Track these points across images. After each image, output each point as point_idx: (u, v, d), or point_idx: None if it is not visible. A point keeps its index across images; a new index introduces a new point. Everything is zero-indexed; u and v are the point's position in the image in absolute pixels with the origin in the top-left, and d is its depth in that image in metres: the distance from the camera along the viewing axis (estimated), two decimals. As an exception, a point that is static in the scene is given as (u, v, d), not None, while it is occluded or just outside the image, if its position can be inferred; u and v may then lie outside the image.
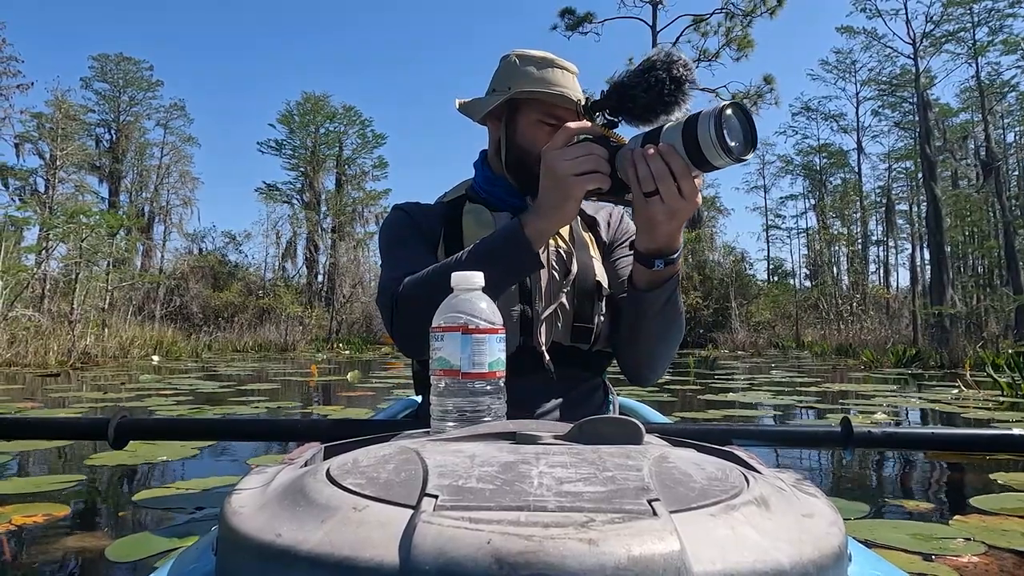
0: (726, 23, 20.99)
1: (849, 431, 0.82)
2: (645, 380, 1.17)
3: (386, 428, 0.82)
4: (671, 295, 1.00)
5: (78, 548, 1.83)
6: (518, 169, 1.16)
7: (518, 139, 1.16)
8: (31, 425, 1.03)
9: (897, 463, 3.04)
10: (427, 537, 0.33)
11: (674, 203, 0.82)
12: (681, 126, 0.79)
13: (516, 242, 0.93)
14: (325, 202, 34.12)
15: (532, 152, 1.13)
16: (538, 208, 0.92)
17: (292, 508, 0.40)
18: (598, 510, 0.36)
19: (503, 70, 1.20)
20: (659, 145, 0.80)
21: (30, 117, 25.35)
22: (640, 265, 0.96)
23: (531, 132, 1.14)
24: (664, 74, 0.83)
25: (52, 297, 16.34)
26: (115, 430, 0.87)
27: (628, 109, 0.87)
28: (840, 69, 30.57)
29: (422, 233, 1.16)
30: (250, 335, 22.55)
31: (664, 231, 0.89)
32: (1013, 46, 21.07)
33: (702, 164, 0.78)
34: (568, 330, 1.11)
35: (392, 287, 1.01)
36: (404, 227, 1.18)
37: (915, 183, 30.15)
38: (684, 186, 0.81)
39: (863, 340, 16.66)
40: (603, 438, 0.53)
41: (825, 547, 0.38)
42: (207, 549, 0.49)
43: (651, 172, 0.81)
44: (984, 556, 1.74)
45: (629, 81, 0.86)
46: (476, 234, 1.13)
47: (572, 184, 0.87)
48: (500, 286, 0.99)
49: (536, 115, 1.14)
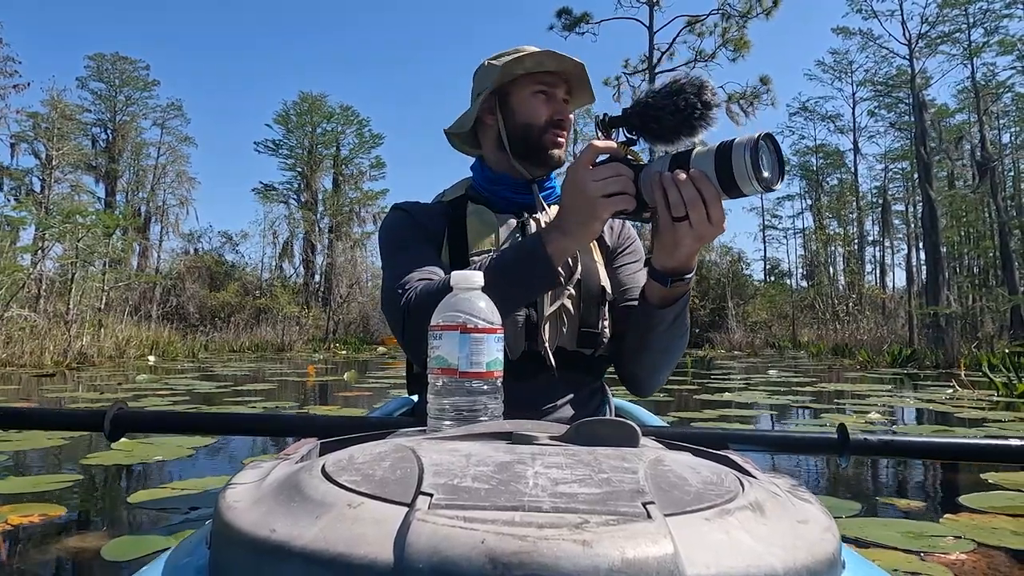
0: (722, 24, 21.03)
1: (845, 438, 0.81)
2: (646, 390, 1.18)
3: (382, 426, 0.82)
4: (681, 311, 1.01)
5: (74, 548, 1.83)
6: (526, 147, 1.17)
7: (518, 118, 1.17)
8: (28, 416, 1.03)
9: (888, 461, 3.05)
10: (421, 535, 0.33)
11: (702, 229, 0.83)
12: (713, 153, 0.79)
13: (537, 259, 0.93)
14: (322, 202, 34.07)
15: (535, 124, 1.16)
16: (561, 225, 0.91)
17: (287, 504, 0.40)
18: (593, 512, 0.36)
19: (480, 75, 1.23)
20: (691, 171, 0.81)
21: (26, 117, 25.31)
22: (655, 282, 0.96)
23: (528, 105, 1.16)
24: (695, 98, 0.84)
25: (48, 297, 16.30)
26: (111, 422, 0.87)
27: (652, 129, 0.87)
28: (836, 70, 30.65)
29: (426, 233, 1.16)
30: (247, 335, 22.50)
31: (685, 253, 0.90)
32: (1008, 47, 21.13)
33: (732, 191, 0.79)
34: (574, 335, 1.11)
35: (401, 295, 1.01)
36: (406, 228, 1.17)
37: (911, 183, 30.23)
38: (713, 213, 0.82)
39: (859, 340, 16.69)
40: (599, 440, 0.53)
41: (819, 553, 0.38)
42: (201, 543, 0.49)
43: (682, 198, 0.81)
44: (974, 554, 1.75)
45: (656, 102, 0.86)
46: (481, 235, 1.14)
47: (600, 205, 0.86)
48: (517, 302, 1.00)
49: (529, 89, 1.16)
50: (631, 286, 1.22)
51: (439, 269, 1.08)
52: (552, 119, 1.16)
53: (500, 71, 1.15)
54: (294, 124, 34.16)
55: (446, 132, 1.28)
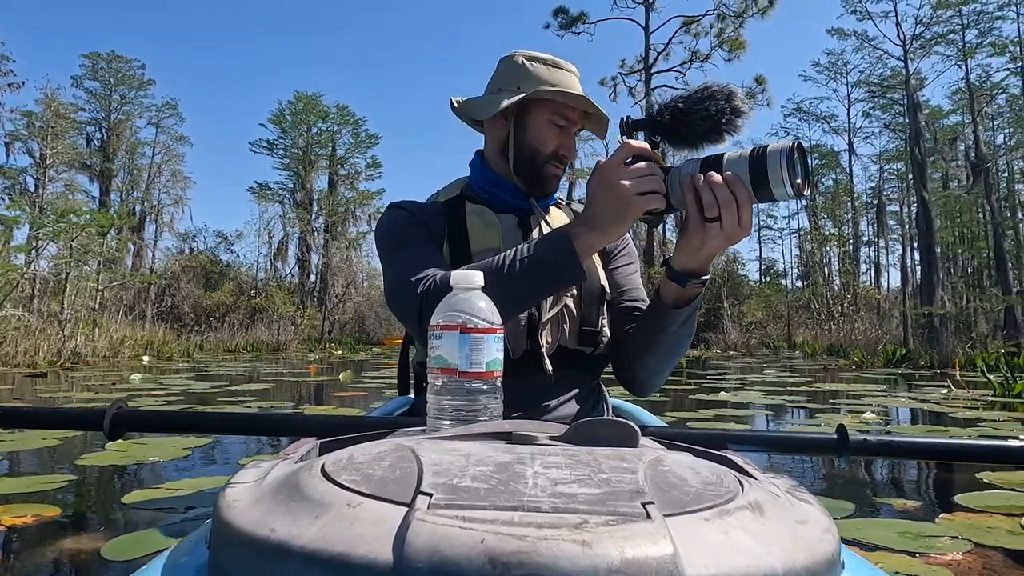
0: (718, 24, 21.07)
1: (844, 439, 0.81)
2: (646, 390, 1.19)
3: (382, 425, 0.82)
4: (692, 313, 1.03)
5: (68, 549, 1.82)
6: (525, 168, 1.18)
7: (528, 139, 1.17)
8: (27, 414, 1.02)
9: (883, 461, 3.06)
10: (421, 535, 0.33)
11: (732, 231, 0.85)
12: (747, 158, 0.82)
13: (566, 253, 0.94)
14: (317, 202, 33.99)
15: (542, 152, 1.16)
16: (592, 221, 0.92)
17: (286, 503, 0.40)
18: (592, 512, 0.36)
19: (510, 70, 1.19)
20: (725, 174, 0.83)
21: (20, 116, 25.19)
22: (672, 283, 0.98)
23: (542, 132, 1.16)
24: (726, 104, 0.86)
25: (42, 297, 16.21)
26: (111, 421, 0.87)
27: (681, 133, 0.89)
28: (831, 71, 30.72)
29: (427, 231, 1.15)
30: (242, 335, 22.44)
31: (707, 254, 0.92)
32: (1000, 48, 21.22)
33: (764, 195, 0.82)
34: (575, 334, 1.13)
35: (416, 285, 1.00)
36: (408, 225, 1.17)
37: (906, 184, 30.33)
38: (744, 215, 0.85)
39: (854, 340, 16.75)
40: (599, 440, 0.54)
41: (818, 554, 0.38)
42: (200, 542, 0.49)
43: (716, 200, 0.83)
44: (970, 554, 1.76)
45: (687, 107, 0.88)
46: (483, 233, 1.14)
47: (634, 203, 0.87)
48: (540, 295, 1.01)
49: (547, 115, 1.16)
50: (627, 287, 1.23)
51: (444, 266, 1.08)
52: (557, 152, 1.18)
53: (532, 84, 1.14)
54: (289, 123, 34.06)
55: (454, 103, 1.25)
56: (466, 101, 1.24)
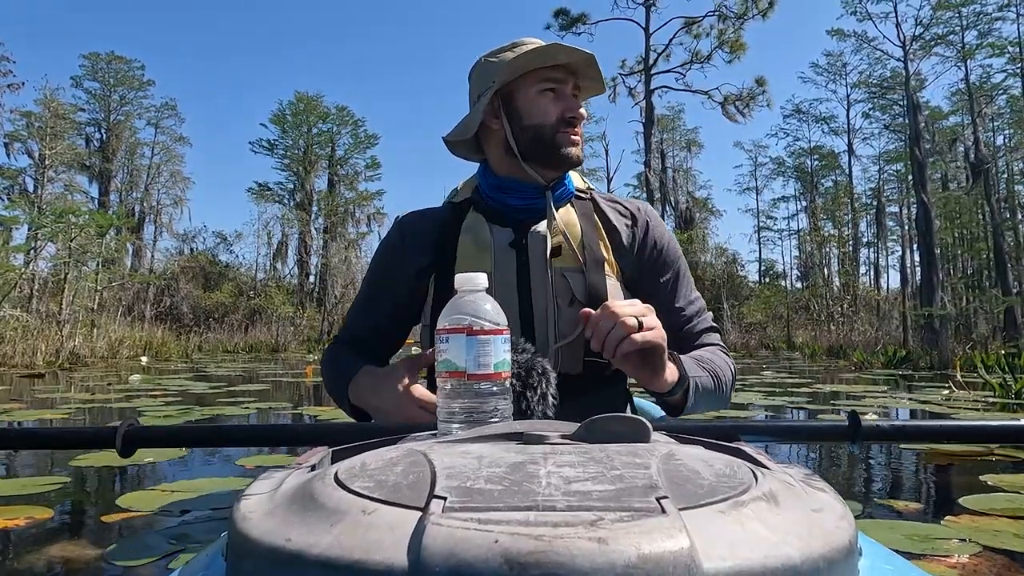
0: (719, 25, 21.10)
1: (857, 425, 0.82)
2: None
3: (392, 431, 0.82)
4: (697, 400, 1.04)
5: (61, 552, 1.80)
6: (537, 151, 1.11)
7: (526, 120, 1.11)
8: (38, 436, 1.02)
9: (886, 462, 3.05)
10: (436, 539, 0.33)
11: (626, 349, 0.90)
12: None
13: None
14: (317, 203, 34.03)
15: (546, 124, 1.10)
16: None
17: (301, 513, 0.40)
18: (607, 509, 0.36)
19: (479, 75, 1.16)
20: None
21: (19, 116, 25.20)
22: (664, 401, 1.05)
23: (536, 105, 1.11)
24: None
25: (41, 297, 16.21)
26: (123, 438, 0.86)
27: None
28: (831, 72, 30.78)
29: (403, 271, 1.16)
30: (241, 336, 22.46)
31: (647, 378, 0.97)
32: (999, 49, 21.26)
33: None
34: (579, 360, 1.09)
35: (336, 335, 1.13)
36: (382, 257, 1.19)
37: (906, 185, 30.37)
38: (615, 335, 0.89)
39: (854, 341, 16.77)
40: (610, 436, 0.54)
41: (835, 541, 0.38)
42: (217, 555, 0.49)
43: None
44: (977, 557, 1.75)
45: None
46: (472, 258, 1.10)
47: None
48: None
49: (533, 87, 1.11)
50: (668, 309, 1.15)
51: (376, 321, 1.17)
52: (564, 117, 1.11)
53: (505, 68, 1.08)
54: (289, 124, 34.12)
55: (445, 140, 1.21)
56: (454, 129, 1.20)
